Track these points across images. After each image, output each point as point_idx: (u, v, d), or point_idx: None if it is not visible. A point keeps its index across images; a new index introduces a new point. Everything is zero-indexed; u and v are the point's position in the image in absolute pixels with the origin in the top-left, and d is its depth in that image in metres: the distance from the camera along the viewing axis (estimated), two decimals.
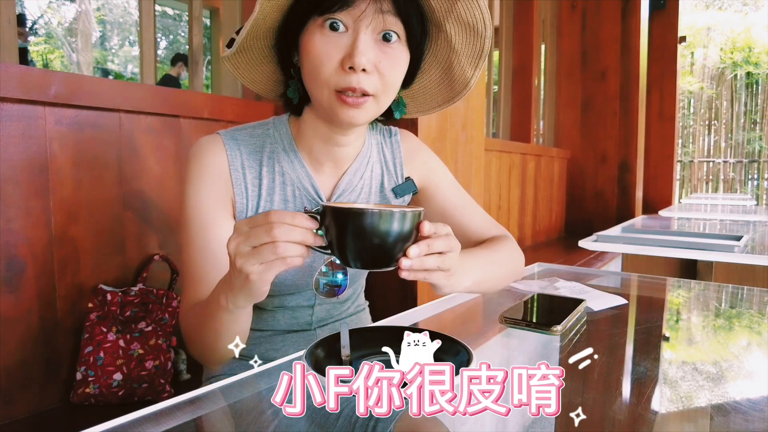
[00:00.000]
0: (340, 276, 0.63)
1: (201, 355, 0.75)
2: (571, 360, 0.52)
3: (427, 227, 0.55)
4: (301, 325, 0.88)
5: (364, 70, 0.64)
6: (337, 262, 0.58)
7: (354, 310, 0.95)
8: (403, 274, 0.54)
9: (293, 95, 0.75)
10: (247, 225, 0.54)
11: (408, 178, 0.87)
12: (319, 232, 0.54)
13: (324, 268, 0.62)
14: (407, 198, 0.87)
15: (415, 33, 0.70)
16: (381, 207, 0.52)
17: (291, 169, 0.78)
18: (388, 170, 0.86)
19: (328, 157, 0.79)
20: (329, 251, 0.55)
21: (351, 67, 0.63)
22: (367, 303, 1.01)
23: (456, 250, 0.57)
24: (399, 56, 0.68)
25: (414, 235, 0.54)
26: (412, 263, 0.53)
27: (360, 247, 0.52)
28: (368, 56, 0.64)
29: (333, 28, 0.64)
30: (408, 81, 0.78)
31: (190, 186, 0.75)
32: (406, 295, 1.47)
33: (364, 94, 0.65)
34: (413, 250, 0.53)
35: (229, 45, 0.71)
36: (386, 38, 0.66)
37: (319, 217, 0.54)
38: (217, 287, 0.63)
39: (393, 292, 1.48)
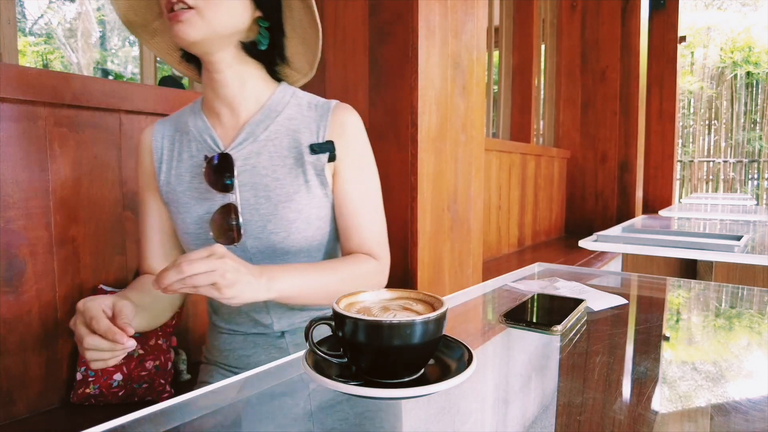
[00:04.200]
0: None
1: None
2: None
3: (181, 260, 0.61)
4: (263, 328, 0.88)
5: None
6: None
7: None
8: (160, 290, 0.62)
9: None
10: (84, 314, 0.61)
11: (329, 141, 0.84)
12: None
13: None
14: (323, 159, 0.83)
15: None
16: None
17: (194, 127, 0.86)
18: (309, 130, 0.84)
19: (221, 104, 0.83)
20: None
21: None
22: None
23: (219, 269, 0.62)
24: None
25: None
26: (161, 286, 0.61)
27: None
28: None
29: None
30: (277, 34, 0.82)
31: (135, 164, 0.93)
32: None
33: (189, 8, 0.69)
34: (167, 277, 0.60)
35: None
36: None
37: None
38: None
39: None
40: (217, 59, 0.78)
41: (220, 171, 0.80)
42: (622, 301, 0.92)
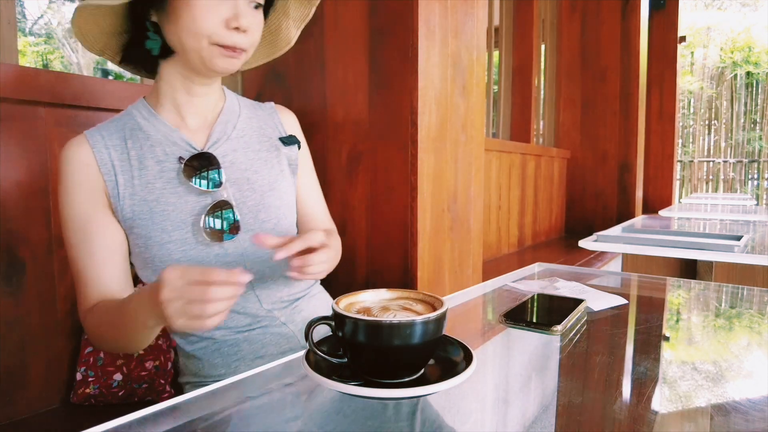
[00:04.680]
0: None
1: (110, 349, 0.84)
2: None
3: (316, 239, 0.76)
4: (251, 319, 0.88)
5: (244, 29, 0.77)
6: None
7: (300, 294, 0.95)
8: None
9: (153, 46, 0.80)
10: (181, 279, 0.59)
11: (292, 135, 0.96)
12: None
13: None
14: (293, 150, 0.95)
15: (268, 2, 0.87)
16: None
17: (155, 132, 0.83)
18: (267, 125, 0.94)
19: (191, 109, 0.86)
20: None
21: (237, 27, 0.76)
22: (312, 285, 1.00)
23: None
24: (261, 20, 0.83)
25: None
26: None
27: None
28: (249, 20, 0.78)
29: None
30: None
31: (62, 192, 0.79)
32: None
33: (241, 50, 0.79)
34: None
35: None
36: (256, 6, 0.80)
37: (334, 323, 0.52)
38: (137, 306, 0.67)
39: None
40: (218, 77, 0.87)
41: (204, 170, 0.82)
42: (622, 301, 0.92)
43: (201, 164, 0.81)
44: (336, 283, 1.17)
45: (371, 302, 0.56)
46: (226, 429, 0.52)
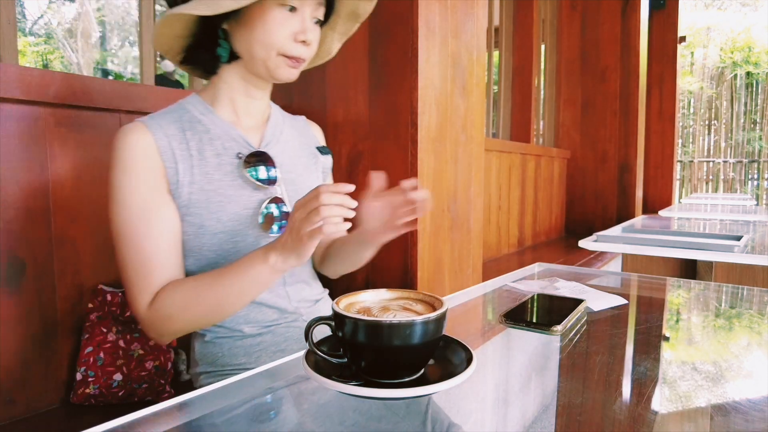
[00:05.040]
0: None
1: (191, 327, 0.81)
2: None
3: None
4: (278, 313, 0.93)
5: (309, 43, 0.86)
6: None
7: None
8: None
9: (223, 52, 0.88)
10: (301, 204, 0.68)
11: (325, 146, 1.07)
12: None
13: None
14: (328, 159, 1.06)
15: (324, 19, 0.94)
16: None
17: (213, 126, 0.88)
18: (303, 135, 1.03)
19: (247, 111, 0.93)
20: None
21: (303, 41, 0.85)
22: (326, 291, 1.06)
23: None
24: (320, 34, 0.92)
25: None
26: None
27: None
28: (313, 34, 0.87)
29: (287, 8, 0.83)
30: None
31: (120, 178, 0.79)
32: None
33: (302, 60, 0.87)
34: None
35: (171, 4, 0.83)
36: (316, 21, 0.88)
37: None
38: (256, 254, 0.74)
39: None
40: (272, 85, 0.94)
41: (261, 166, 0.88)
42: (621, 301, 0.92)
43: (258, 161, 0.88)
44: (336, 284, 1.17)
45: (371, 302, 0.56)
46: (226, 429, 0.52)
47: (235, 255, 0.84)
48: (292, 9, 0.84)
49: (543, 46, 3.73)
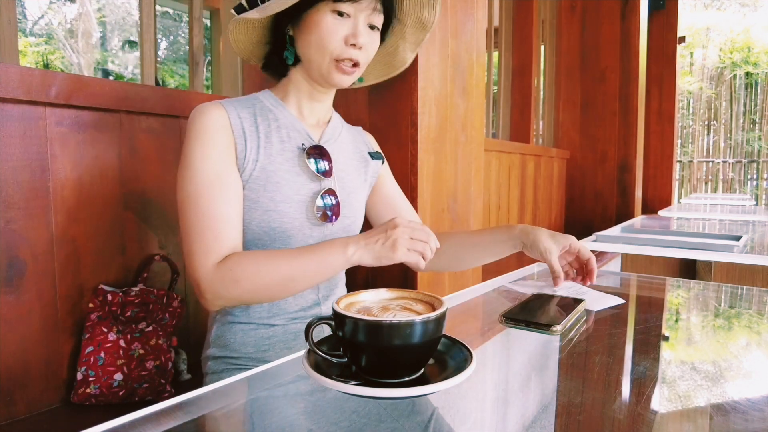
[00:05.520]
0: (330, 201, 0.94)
1: (260, 294, 0.85)
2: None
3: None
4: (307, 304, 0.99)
5: (360, 46, 0.90)
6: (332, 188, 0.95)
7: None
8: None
9: (289, 56, 0.95)
10: (409, 225, 0.81)
11: (378, 151, 1.14)
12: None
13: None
14: (378, 164, 1.12)
15: (386, 26, 0.99)
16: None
17: (282, 117, 0.96)
18: (358, 141, 1.10)
19: (310, 111, 1.00)
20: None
21: (353, 44, 0.89)
22: None
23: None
24: (377, 40, 0.95)
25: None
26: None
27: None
28: (365, 38, 0.90)
29: (340, 14, 0.88)
30: None
31: (195, 148, 0.87)
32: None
33: (355, 65, 0.91)
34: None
35: (239, 10, 0.90)
36: (372, 27, 0.92)
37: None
38: (336, 241, 0.83)
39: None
40: (334, 90, 1.01)
41: (320, 159, 0.95)
42: (621, 301, 0.92)
43: (318, 154, 0.95)
44: None
45: (371, 302, 0.56)
46: (227, 429, 0.52)
47: (280, 234, 0.91)
48: (345, 14, 0.89)
49: (543, 47, 3.73)
